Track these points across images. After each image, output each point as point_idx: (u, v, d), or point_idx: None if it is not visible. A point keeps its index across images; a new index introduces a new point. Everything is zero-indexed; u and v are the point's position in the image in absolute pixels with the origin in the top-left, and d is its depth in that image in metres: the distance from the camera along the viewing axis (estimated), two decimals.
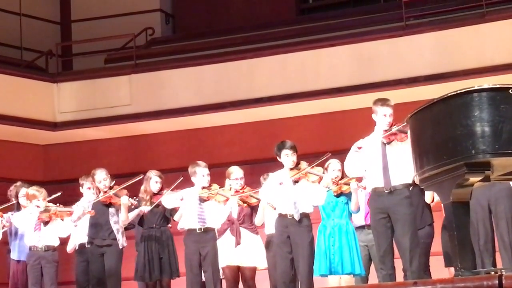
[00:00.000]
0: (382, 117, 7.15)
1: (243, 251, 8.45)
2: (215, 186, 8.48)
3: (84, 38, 13.81)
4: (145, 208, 8.78)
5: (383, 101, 7.19)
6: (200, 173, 8.49)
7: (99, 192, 8.81)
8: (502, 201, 7.25)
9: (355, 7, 13.82)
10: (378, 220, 7.06)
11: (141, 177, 8.81)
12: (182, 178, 8.69)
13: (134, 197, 8.80)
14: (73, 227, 8.90)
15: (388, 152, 7.05)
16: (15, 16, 13.74)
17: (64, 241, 9.09)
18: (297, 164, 7.88)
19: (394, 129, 7.00)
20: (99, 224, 8.65)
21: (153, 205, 8.74)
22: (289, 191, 7.80)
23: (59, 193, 8.95)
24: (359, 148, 7.18)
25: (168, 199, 8.66)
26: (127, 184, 8.69)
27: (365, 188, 7.99)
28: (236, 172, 8.68)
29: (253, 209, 8.61)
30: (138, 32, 13.34)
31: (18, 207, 9.32)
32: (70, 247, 9.28)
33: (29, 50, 13.60)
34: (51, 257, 8.81)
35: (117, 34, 13.30)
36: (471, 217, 7.08)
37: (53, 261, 8.83)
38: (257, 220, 8.55)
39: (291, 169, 7.85)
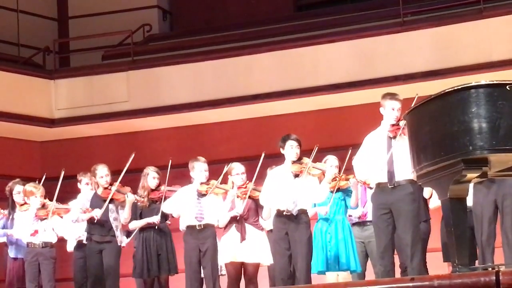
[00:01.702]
0: (390, 111, 7.14)
1: (248, 247, 8.43)
2: (213, 181, 8.49)
3: (81, 34, 13.80)
4: (155, 219, 8.75)
5: (392, 95, 7.20)
6: (199, 168, 8.50)
7: (98, 187, 8.80)
8: (509, 197, 7.23)
9: (353, 4, 13.83)
10: (380, 216, 7.04)
11: (133, 155, 8.77)
12: (170, 159, 8.70)
13: (140, 195, 8.80)
14: (71, 226, 8.88)
15: (394, 146, 7.04)
16: (12, 12, 13.72)
17: (61, 238, 9.08)
18: (299, 159, 7.88)
19: (402, 123, 6.99)
20: (98, 221, 8.63)
21: (159, 214, 8.72)
22: (288, 186, 7.79)
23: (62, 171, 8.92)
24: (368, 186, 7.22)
25: (168, 206, 8.65)
26: (122, 175, 8.68)
27: (364, 183, 7.98)
28: (237, 168, 8.67)
29: (258, 204, 8.55)
30: (135, 29, 13.34)
31: (12, 204, 9.31)
32: (70, 246, 9.26)
33: (26, 46, 13.58)
34: (48, 254, 8.81)
35: (114, 31, 13.29)
36: (476, 211, 7.13)
37: (51, 257, 8.82)
38: (264, 215, 8.47)
39: (293, 162, 7.85)
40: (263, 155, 8.54)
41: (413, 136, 5.79)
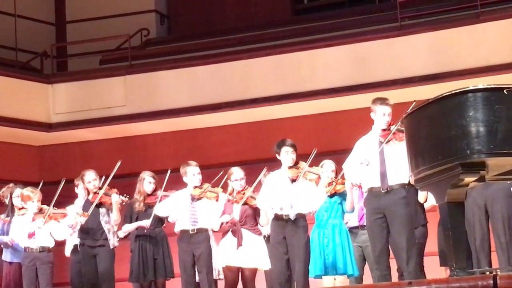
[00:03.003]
0: (381, 116, 7.14)
1: (244, 252, 8.42)
2: (206, 185, 8.48)
3: (79, 39, 13.81)
4: (146, 223, 8.74)
5: (382, 100, 7.20)
6: (191, 172, 8.50)
7: (88, 193, 8.80)
8: (498, 201, 7.24)
9: (350, 8, 13.83)
10: (373, 221, 7.04)
11: (119, 163, 8.75)
12: (169, 171, 8.69)
13: (125, 194, 8.79)
14: (69, 231, 8.87)
15: (385, 151, 7.04)
16: (10, 17, 13.72)
17: (58, 242, 9.07)
18: (296, 163, 7.87)
19: (393, 128, 7.00)
20: (90, 225, 8.63)
21: (151, 218, 8.71)
22: (286, 191, 7.79)
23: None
24: (367, 164, 7.15)
25: (161, 209, 8.65)
26: (109, 179, 8.66)
27: (360, 186, 7.97)
28: (236, 173, 8.64)
29: (256, 210, 8.54)
30: (133, 33, 13.34)
31: (12, 208, 9.31)
32: (68, 250, 9.25)
33: (24, 51, 13.58)
34: (46, 258, 8.80)
35: (112, 35, 13.29)
36: (467, 216, 7.11)
37: (48, 262, 8.82)
38: (262, 221, 8.46)
39: (290, 167, 7.84)
40: (264, 171, 8.50)
41: (411, 140, 5.79)
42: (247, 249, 8.41)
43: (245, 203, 8.49)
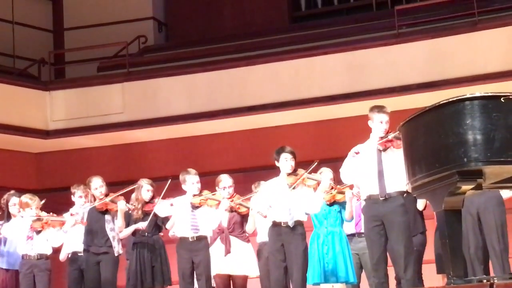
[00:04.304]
0: (378, 123, 7.14)
1: (234, 260, 8.43)
2: (206, 192, 8.48)
3: (76, 46, 13.84)
4: (142, 225, 8.74)
5: (380, 108, 7.20)
6: (190, 180, 8.49)
7: (94, 199, 8.79)
8: (491, 210, 7.27)
9: (348, 15, 13.87)
10: (372, 228, 7.04)
11: (136, 185, 8.79)
12: (170, 180, 8.70)
13: (131, 203, 8.79)
14: (65, 237, 8.86)
15: (383, 159, 7.04)
16: (7, 24, 13.74)
17: (56, 249, 9.07)
18: (295, 171, 7.88)
19: (391, 135, 7.00)
20: (94, 232, 8.62)
21: (149, 219, 8.70)
22: (284, 197, 7.79)
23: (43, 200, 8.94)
24: (357, 153, 7.15)
25: (162, 208, 8.64)
26: (122, 192, 8.66)
27: (359, 198, 7.97)
28: (224, 180, 8.67)
29: (244, 217, 8.58)
30: (131, 40, 13.36)
31: (8, 216, 9.29)
32: (63, 256, 9.25)
33: (21, 58, 13.60)
34: (43, 266, 8.78)
35: (109, 42, 13.31)
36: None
37: (46, 269, 8.80)
38: (248, 228, 8.54)
39: (289, 174, 7.84)
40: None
41: (408, 148, 5.80)
42: (236, 256, 8.43)
43: (233, 210, 8.51)
